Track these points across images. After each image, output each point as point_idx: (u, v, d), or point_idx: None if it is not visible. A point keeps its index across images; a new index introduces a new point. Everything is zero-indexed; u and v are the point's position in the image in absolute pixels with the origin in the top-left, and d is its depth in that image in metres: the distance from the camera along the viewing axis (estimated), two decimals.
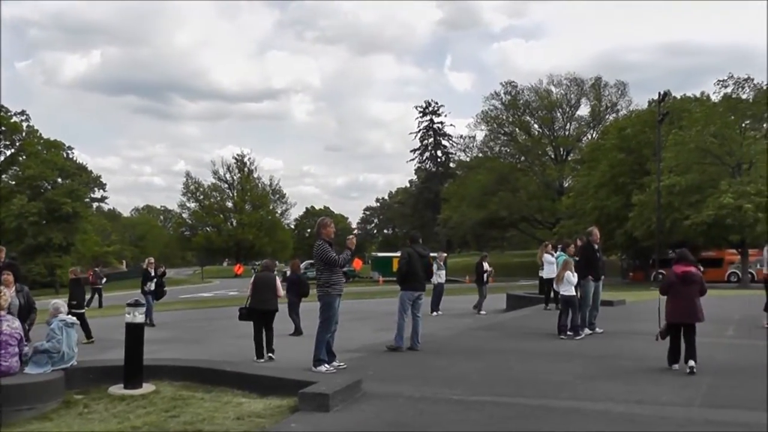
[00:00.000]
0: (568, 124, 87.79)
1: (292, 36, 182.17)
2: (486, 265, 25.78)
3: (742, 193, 45.22)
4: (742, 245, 49.06)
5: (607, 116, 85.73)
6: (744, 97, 53.99)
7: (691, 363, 10.88)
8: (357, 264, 58.59)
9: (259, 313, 14.01)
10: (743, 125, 53.76)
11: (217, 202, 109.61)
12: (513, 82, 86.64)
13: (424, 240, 18.10)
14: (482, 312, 24.48)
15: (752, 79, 54.25)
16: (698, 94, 61.39)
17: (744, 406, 8.68)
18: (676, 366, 11.26)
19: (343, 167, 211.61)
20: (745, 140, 51.38)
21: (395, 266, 18.57)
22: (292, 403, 8.42)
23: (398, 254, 16.73)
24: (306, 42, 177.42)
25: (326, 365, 10.92)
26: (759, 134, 54.83)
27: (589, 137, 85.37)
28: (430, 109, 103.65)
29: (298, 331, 17.82)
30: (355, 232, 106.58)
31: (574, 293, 14.91)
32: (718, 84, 55.60)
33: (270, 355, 13.72)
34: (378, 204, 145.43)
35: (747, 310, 21.23)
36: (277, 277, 14.73)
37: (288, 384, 9.03)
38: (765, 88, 54.02)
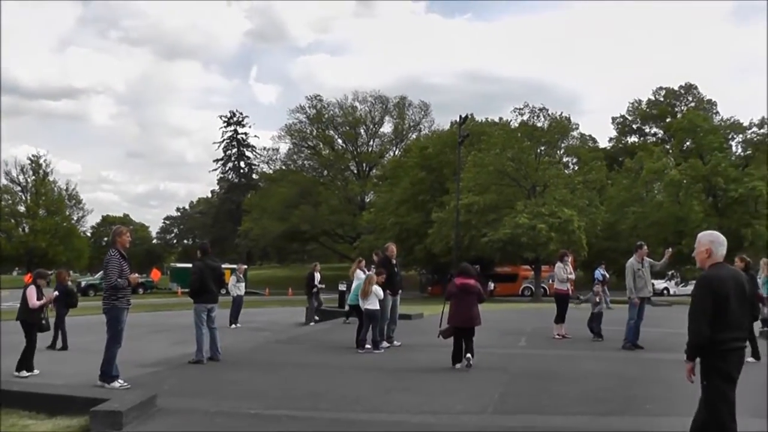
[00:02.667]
0: (372, 140, 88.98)
1: (95, 34, 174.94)
2: (318, 276, 25.46)
3: (536, 213, 47.65)
4: (536, 262, 51.43)
5: (409, 135, 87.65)
6: (539, 125, 56.86)
7: (468, 356, 12.60)
8: (155, 275, 56.98)
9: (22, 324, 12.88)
10: (539, 151, 56.49)
11: (8, 206, 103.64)
12: (318, 96, 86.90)
13: (225, 251, 17.80)
14: (312, 322, 24.14)
15: (547, 109, 57.36)
16: (498, 119, 63.95)
17: (533, 412, 9.10)
18: (458, 365, 12.58)
19: (144, 174, 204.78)
20: (540, 165, 54.12)
21: None
22: (83, 422, 7.93)
23: None
24: (109, 41, 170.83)
25: (119, 381, 10.44)
26: (553, 160, 57.81)
27: (392, 154, 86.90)
28: (235, 119, 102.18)
29: (64, 346, 16.46)
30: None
31: (378, 307, 15.01)
32: (515, 111, 58.40)
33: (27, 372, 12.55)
34: (179, 213, 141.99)
35: (539, 322, 22.22)
36: (33, 288, 13.39)
37: (78, 402, 8.47)
38: (558, 118, 57.18)
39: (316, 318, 24.52)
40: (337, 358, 14.37)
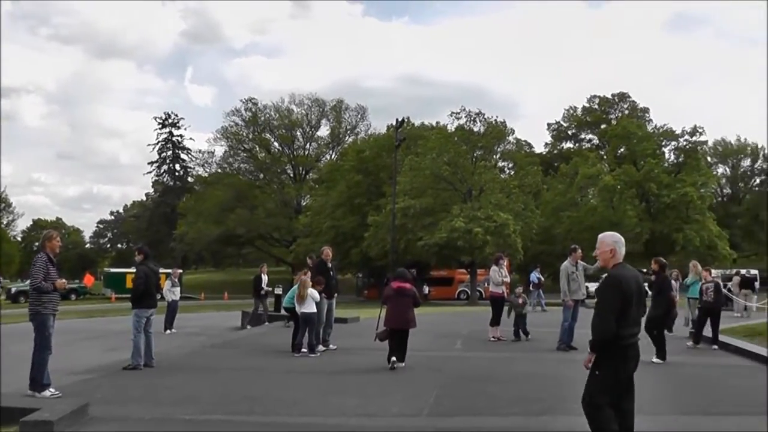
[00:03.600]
0: (308, 143, 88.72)
1: (24, 31, 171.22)
2: (265, 278, 25.21)
3: (472, 217, 48.00)
4: (472, 265, 51.80)
5: (346, 138, 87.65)
6: (476, 129, 57.35)
7: (401, 364, 13.03)
8: (88, 280, 55.79)
9: None
10: (475, 155, 56.95)
11: None
12: (254, 99, 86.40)
13: (160, 255, 17.56)
14: (249, 327, 23.92)
15: (483, 114, 57.87)
16: (434, 123, 64.36)
17: (468, 413, 9.17)
18: (394, 365, 12.96)
19: (76, 177, 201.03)
20: (476, 169, 54.55)
21: (129, 283, 17.82)
22: None
23: (132, 270, 15.97)
24: (40, 38, 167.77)
25: (50, 389, 10.17)
26: (489, 164, 58.34)
27: (329, 158, 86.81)
28: (170, 121, 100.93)
29: None
30: None
31: (314, 311, 14.96)
32: (452, 116, 58.84)
33: None
34: (112, 217, 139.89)
35: (474, 325, 22.34)
36: None
37: (8, 412, 8.25)
38: (495, 122, 57.78)
39: (263, 320, 24.24)
40: (273, 362, 14.26)
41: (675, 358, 15.03)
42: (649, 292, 15.23)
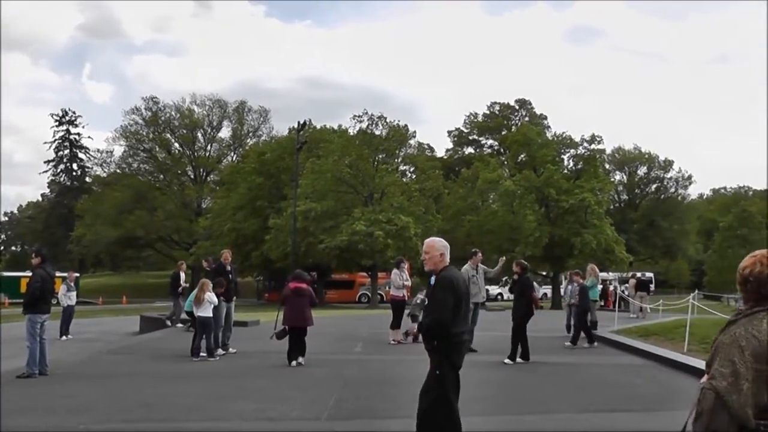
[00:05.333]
0: (210, 145, 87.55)
1: None
2: (183, 275, 24.64)
3: (373, 221, 48.14)
4: (373, 269, 51.92)
5: (248, 140, 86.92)
6: (378, 133, 57.60)
7: (301, 360, 13.90)
8: None
9: None
10: (377, 158, 57.17)
11: None
12: (155, 97, 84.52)
13: (57, 258, 17.09)
14: (171, 323, 23.37)
15: (385, 118, 58.20)
16: (337, 126, 64.35)
17: (368, 416, 9.23)
18: (294, 363, 13.77)
19: None
20: (378, 172, 54.76)
21: (24, 287, 17.24)
22: None
23: (28, 274, 15.46)
24: None
25: None
26: (391, 167, 58.65)
27: (230, 159, 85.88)
28: (67, 118, 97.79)
29: None
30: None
31: (211, 315, 14.82)
32: (354, 119, 59.00)
33: None
34: (6, 218, 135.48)
35: (375, 328, 22.42)
36: None
37: None
38: (397, 126, 58.17)
39: (176, 320, 23.69)
40: (170, 367, 14.06)
41: (571, 358, 15.48)
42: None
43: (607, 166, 78.26)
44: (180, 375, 12.95)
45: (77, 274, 28.67)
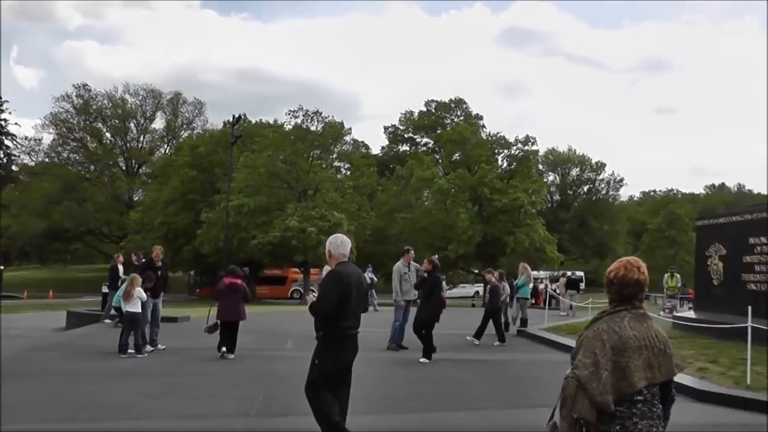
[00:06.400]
0: (142, 136, 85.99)
1: None
2: (121, 267, 23.94)
3: (307, 216, 48.04)
4: (305, 265, 51.72)
5: (182, 132, 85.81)
6: (313, 128, 57.47)
7: (230, 356, 14.20)
8: None
9: None
10: (312, 154, 57.03)
11: None
12: (87, 85, 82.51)
13: None
14: (107, 320, 22.72)
15: (321, 113, 58.08)
16: (272, 121, 64.03)
17: (296, 413, 9.06)
18: (224, 353, 14.19)
19: None
20: (312, 168, 54.62)
21: None
22: None
23: None
24: None
25: None
26: (325, 164, 58.52)
27: (163, 152, 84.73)
28: None
29: None
30: None
31: (139, 310, 14.54)
32: (289, 114, 58.79)
33: None
34: None
35: (306, 324, 22.15)
36: None
37: None
38: (332, 122, 58.06)
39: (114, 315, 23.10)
40: (98, 364, 13.73)
41: (501, 355, 15.64)
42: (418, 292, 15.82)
43: (540, 167, 79.17)
44: (107, 372, 12.68)
45: (2, 267, 27.98)
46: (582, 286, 47.99)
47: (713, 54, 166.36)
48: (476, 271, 62.24)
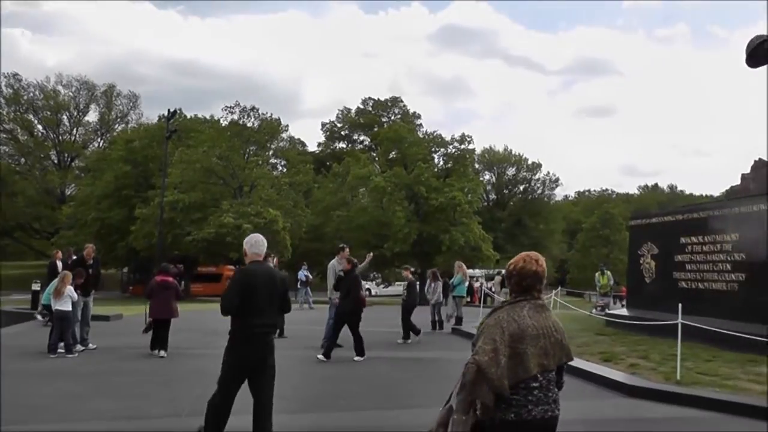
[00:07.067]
0: (75, 129, 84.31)
1: None
2: (60, 264, 23.30)
3: (242, 213, 47.76)
4: (240, 262, 51.26)
5: (116, 126, 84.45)
6: (249, 125, 57.20)
7: (162, 353, 14.38)
8: None
9: None
10: (248, 151, 56.75)
11: None
12: (17, 74, 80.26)
13: None
14: (39, 317, 22.21)
15: (258, 110, 57.91)
16: (208, 116, 63.54)
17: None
18: (156, 352, 14.40)
19: None
20: (248, 165, 54.35)
21: None
22: None
23: None
24: None
25: None
26: (261, 160, 58.28)
27: (96, 145, 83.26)
28: None
29: None
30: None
31: (70, 309, 14.31)
32: (225, 109, 58.49)
33: None
34: None
35: None
36: None
37: None
38: (269, 119, 57.80)
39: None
40: (26, 364, 13.44)
41: (435, 353, 15.78)
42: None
43: (476, 166, 79.68)
44: (35, 373, 12.44)
45: None
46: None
47: (646, 58, 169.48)
48: (412, 269, 62.37)
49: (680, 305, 12.27)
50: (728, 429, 8.98)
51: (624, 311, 21.26)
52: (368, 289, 60.22)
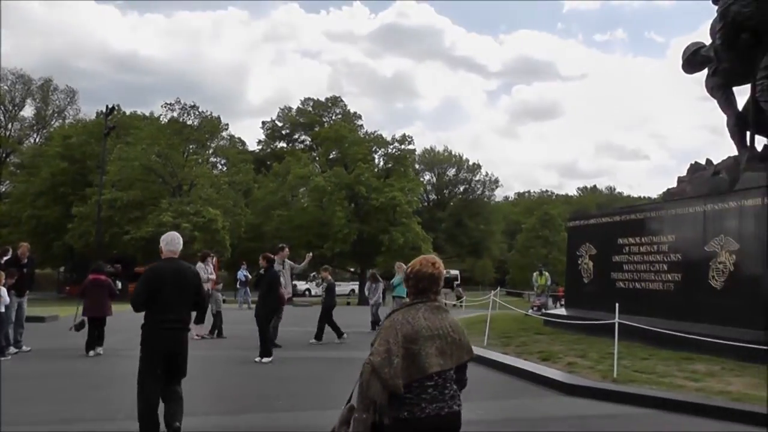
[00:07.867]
0: (10, 124, 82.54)
1: None
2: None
3: (181, 212, 47.46)
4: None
5: (53, 122, 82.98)
6: (189, 122, 56.80)
7: (99, 350, 14.69)
8: None
9: None
10: (188, 149, 56.36)
11: None
12: None
13: None
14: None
15: (198, 107, 57.53)
16: (148, 113, 62.92)
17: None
18: (92, 352, 14.55)
19: None
20: (187, 163, 53.97)
21: None
22: None
23: None
24: None
25: None
26: (201, 158, 57.90)
27: (32, 141, 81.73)
28: None
29: None
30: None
31: (2, 310, 14.14)
32: (165, 107, 57.98)
33: None
34: None
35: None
36: None
37: None
38: (210, 117, 57.45)
39: None
40: None
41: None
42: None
43: (417, 167, 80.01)
44: None
45: None
46: (457, 284, 48.95)
47: (586, 61, 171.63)
48: (352, 269, 62.63)
49: (617, 305, 12.68)
50: (664, 426, 9.26)
51: (562, 311, 21.64)
52: (308, 289, 60.17)
